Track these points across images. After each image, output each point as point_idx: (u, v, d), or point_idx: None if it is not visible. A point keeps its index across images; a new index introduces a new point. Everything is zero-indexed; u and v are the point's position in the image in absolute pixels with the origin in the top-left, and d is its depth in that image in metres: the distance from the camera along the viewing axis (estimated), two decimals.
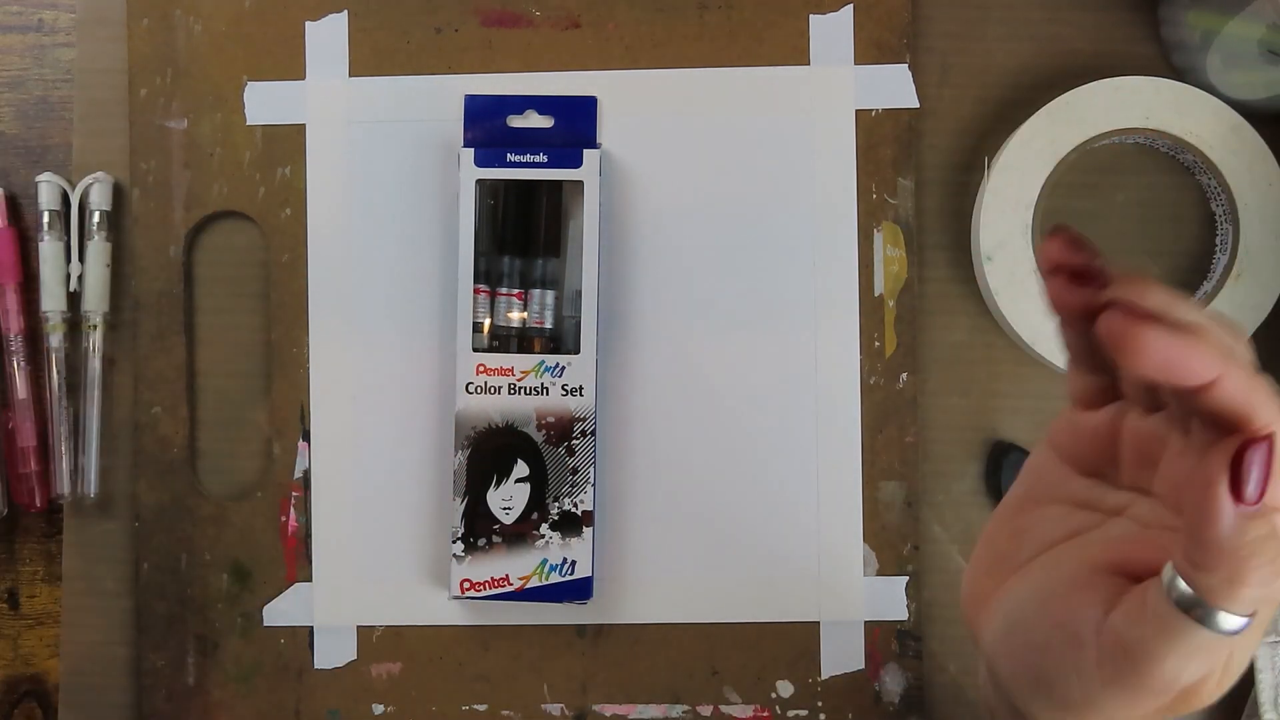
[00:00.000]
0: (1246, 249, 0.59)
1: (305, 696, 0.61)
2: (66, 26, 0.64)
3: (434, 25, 0.62)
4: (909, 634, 0.61)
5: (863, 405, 0.61)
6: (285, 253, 0.62)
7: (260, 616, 0.62)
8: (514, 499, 0.60)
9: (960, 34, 0.62)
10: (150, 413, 0.62)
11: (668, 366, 0.61)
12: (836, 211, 0.61)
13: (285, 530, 0.62)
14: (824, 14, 0.62)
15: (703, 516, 0.61)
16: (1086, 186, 0.62)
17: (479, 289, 0.60)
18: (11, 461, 0.62)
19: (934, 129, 0.62)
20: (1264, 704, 0.58)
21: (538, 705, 0.61)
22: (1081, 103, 0.59)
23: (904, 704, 0.60)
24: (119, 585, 0.62)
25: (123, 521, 0.62)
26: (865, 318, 0.61)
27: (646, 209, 0.62)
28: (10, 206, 0.63)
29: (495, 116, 0.62)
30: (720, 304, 0.61)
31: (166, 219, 0.63)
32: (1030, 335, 0.59)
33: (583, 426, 0.59)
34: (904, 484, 0.61)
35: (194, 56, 0.63)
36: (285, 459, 0.62)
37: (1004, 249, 0.59)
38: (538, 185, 0.61)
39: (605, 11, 0.62)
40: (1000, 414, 0.62)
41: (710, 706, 0.61)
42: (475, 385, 0.60)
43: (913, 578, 0.61)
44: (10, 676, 0.63)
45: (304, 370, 0.62)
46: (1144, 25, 0.62)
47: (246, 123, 0.62)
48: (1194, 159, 0.59)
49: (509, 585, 0.59)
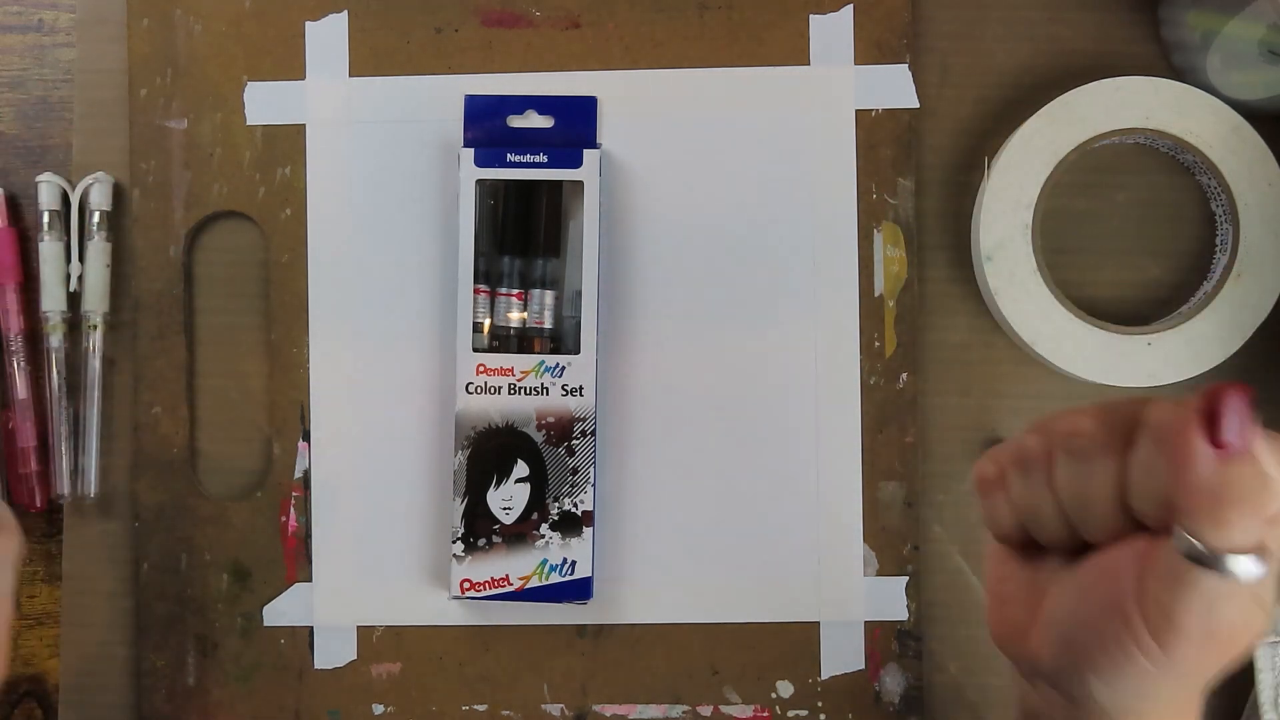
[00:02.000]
0: (1246, 249, 0.59)
1: (305, 696, 0.61)
2: (66, 26, 0.64)
3: (434, 25, 0.62)
4: (909, 634, 0.61)
5: (863, 405, 0.61)
6: (285, 253, 0.62)
7: (260, 616, 0.61)
8: (514, 499, 0.60)
9: (960, 34, 0.62)
10: (150, 413, 0.62)
11: (668, 366, 0.61)
12: (836, 211, 0.61)
13: (285, 530, 0.62)
14: (824, 14, 0.62)
15: (703, 516, 0.61)
16: (1086, 186, 0.62)
17: (479, 289, 0.60)
18: (11, 461, 0.62)
19: (934, 129, 0.62)
20: (1264, 704, 0.58)
21: (538, 705, 0.61)
22: (1081, 103, 0.59)
23: (904, 704, 0.60)
24: (119, 585, 0.62)
25: (123, 521, 0.62)
26: (865, 318, 0.61)
27: (646, 209, 0.62)
28: (10, 206, 0.63)
29: (495, 116, 0.62)
30: (720, 304, 0.61)
31: (166, 219, 0.63)
32: (1030, 335, 0.59)
33: (583, 426, 0.59)
34: (904, 484, 0.61)
35: (194, 56, 0.63)
36: (285, 459, 0.62)
37: (1004, 249, 0.59)
38: (538, 185, 0.61)
39: (605, 11, 0.62)
40: (1000, 414, 0.62)
41: (710, 706, 0.61)
42: (475, 385, 0.60)
43: (913, 578, 0.61)
44: (10, 676, 0.63)
45: (304, 370, 0.62)
46: (1144, 25, 0.62)
47: (246, 123, 0.62)
48: (1194, 159, 0.59)
49: (509, 585, 0.59)
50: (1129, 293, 0.62)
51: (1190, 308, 0.59)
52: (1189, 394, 0.34)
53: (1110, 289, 0.62)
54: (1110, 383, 0.59)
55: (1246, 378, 0.61)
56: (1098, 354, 0.59)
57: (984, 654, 0.61)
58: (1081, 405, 0.37)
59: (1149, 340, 0.59)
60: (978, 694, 0.61)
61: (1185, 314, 0.59)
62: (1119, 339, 0.59)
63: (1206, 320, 0.59)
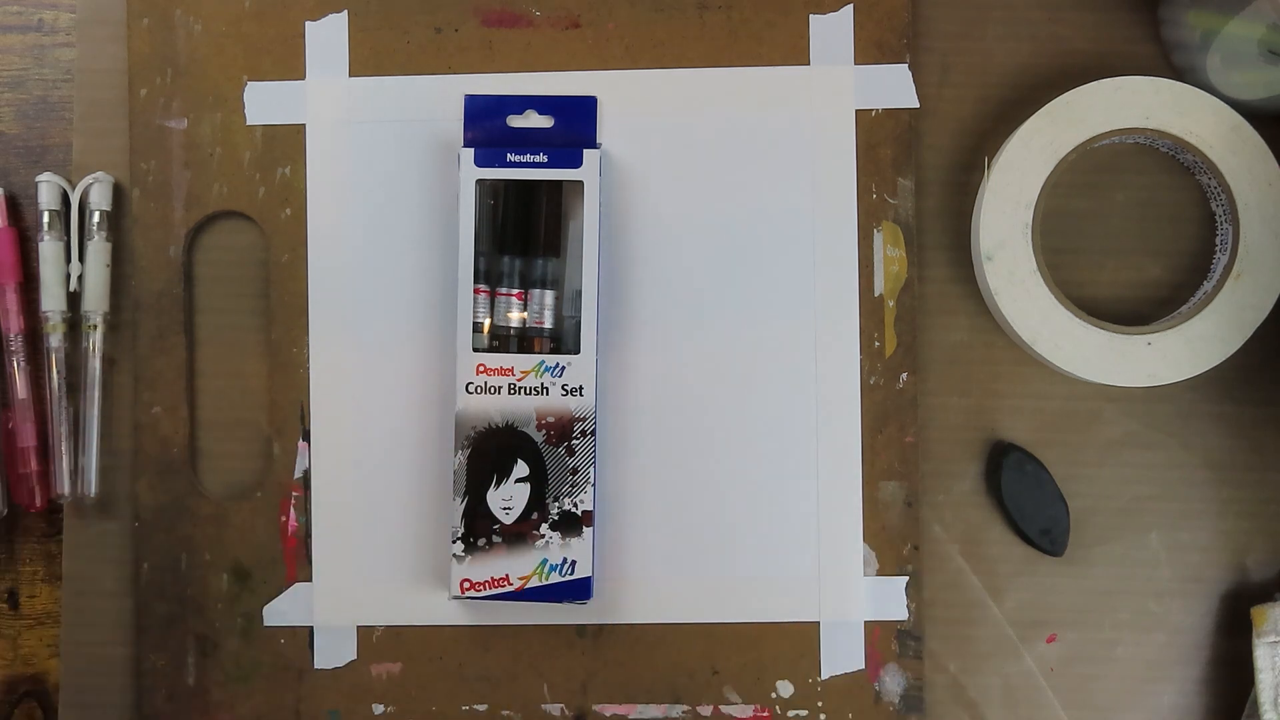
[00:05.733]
0: (1246, 249, 0.59)
1: (305, 696, 0.61)
2: (66, 26, 0.64)
3: (434, 25, 0.62)
4: (909, 634, 0.61)
5: (863, 405, 0.61)
6: (285, 253, 0.62)
7: (260, 616, 0.62)
8: (514, 499, 0.60)
9: (960, 34, 0.62)
10: (150, 413, 0.62)
11: (668, 366, 0.61)
12: (836, 211, 0.61)
13: (285, 530, 0.62)
14: (824, 14, 0.62)
15: (703, 516, 0.61)
16: (1086, 186, 0.62)
17: (479, 289, 0.60)
18: (11, 461, 0.62)
19: (934, 129, 0.62)
20: (1264, 704, 0.58)
21: (538, 705, 0.61)
22: (1081, 103, 0.59)
23: (904, 704, 0.60)
24: (119, 585, 0.62)
25: (123, 521, 0.62)
26: (865, 318, 0.61)
27: (646, 209, 0.62)
28: (10, 206, 0.63)
29: (495, 116, 0.62)
30: (720, 304, 0.61)
31: (166, 219, 0.63)
32: (1030, 335, 0.59)
33: (583, 426, 0.59)
34: (904, 484, 0.61)
35: (194, 56, 0.63)
36: (285, 459, 0.62)
37: (1004, 249, 0.59)
38: (538, 185, 0.61)
39: (605, 11, 0.62)
40: (1000, 414, 0.62)
41: (710, 706, 0.61)
42: (475, 385, 0.60)
43: (913, 578, 0.61)
44: (10, 676, 0.63)
45: (304, 370, 0.62)
46: (1144, 25, 0.62)
47: (246, 123, 0.62)
48: (1194, 159, 0.59)
49: (509, 585, 0.59)
50: (1129, 293, 0.62)
51: (1190, 308, 0.59)
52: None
53: (1110, 289, 0.62)
54: (1110, 382, 0.59)
55: (1246, 377, 0.61)
56: (1098, 354, 0.59)
57: (984, 654, 0.61)
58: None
59: (1149, 340, 0.59)
60: (978, 694, 0.61)
61: (1185, 314, 0.59)
62: (1119, 339, 0.59)
63: (1206, 320, 0.59)
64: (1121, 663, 0.61)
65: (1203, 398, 0.61)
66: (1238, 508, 0.61)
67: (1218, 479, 0.61)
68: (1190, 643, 0.61)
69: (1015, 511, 0.61)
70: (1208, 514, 0.61)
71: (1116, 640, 0.61)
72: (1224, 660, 0.61)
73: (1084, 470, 0.61)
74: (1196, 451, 0.61)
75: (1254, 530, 0.61)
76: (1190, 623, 0.61)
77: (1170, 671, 0.61)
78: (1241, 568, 0.61)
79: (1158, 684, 0.61)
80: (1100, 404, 0.62)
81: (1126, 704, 0.61)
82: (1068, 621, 0.61)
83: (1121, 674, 0.61)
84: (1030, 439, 0.61)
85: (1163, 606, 0.61)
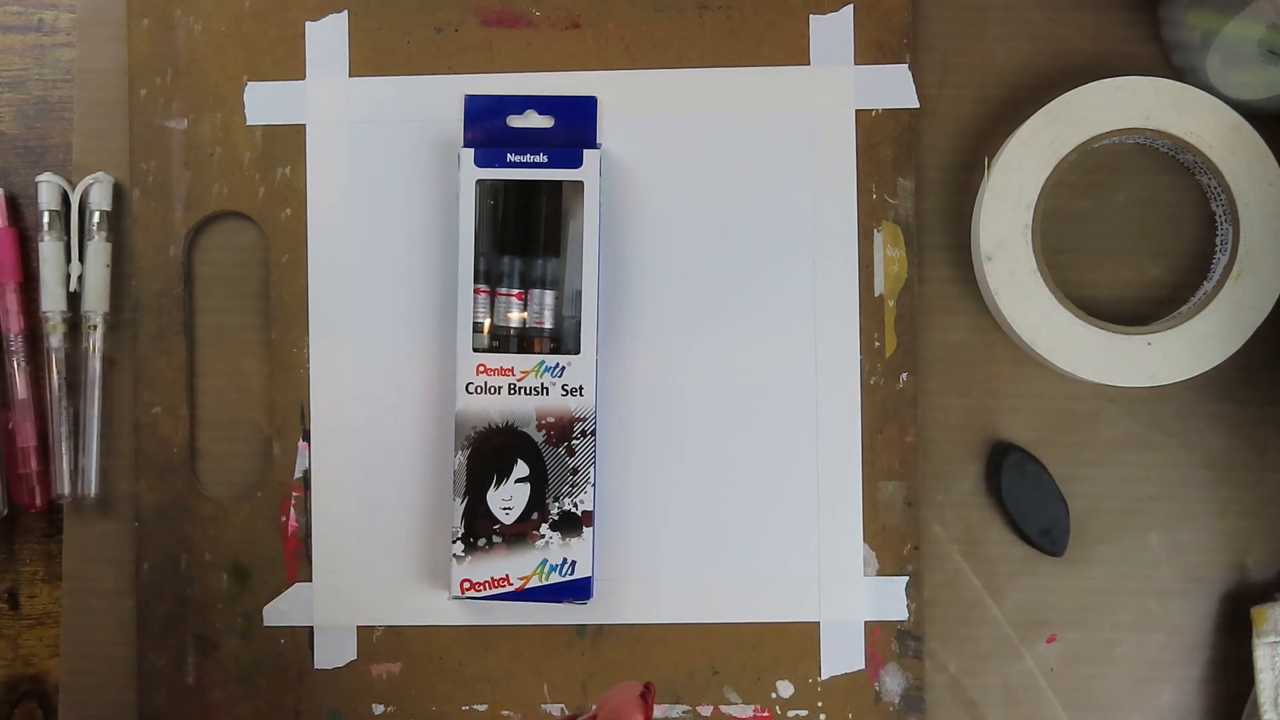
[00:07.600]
0: (1246, 249, 0.59)
1: (305, 696, 0.61)
2: (66, 26, 0.64)
3: (434, 25, 0.62)
4: (909, 634, 0.61)
5: (863, 405, 0.61)
6: (285, 253, 0.62)
7: (260, 616, 0.62)
8: (514, 499, 0.60)
9: (960, 34, 0.62)
10: (150, 413, 0.62)
11: (668, 366, 0.61)
12: (836, 211, 0.61)
13: (285, 530, 0.62)
14: (824, 14, 0.62)
15: (703, 516, 0.61)
16: (1086, 186, 0.62)
17: (479, 289, 0.60)
18: (11, 461, 0.62)
19: (934, 129, 0.62)
20: (1264, 704, 0.58)
21: (538, 705, 0.61)
22: (1081, 103, 0.59)
23: (904, 704, 0.60)
24: (119, 585, 0.62)
25: (123, 521, 0.62)
26: (865, 318, 0.61)
27: (646, 209, 0.62)
28: (10, 206, 0.63)
29: (495, 116, 0.62)
30: (720, 304, 0.61)
31: (166, 219, 0.63)
32: (1030, 335, 0.59)
33: (583, 426, 0.59)
34: (904, 484, 0.61)
35: (194, 56, 0.63)
36: (285, 459, 0.62)
37: (1004, 249, 0.59)
38: (538, 185, 0.61)
39: (605, 11, 0.62)
40: (1000, 414, 0.62)
41: (710, 706, 0.61)
42: (475, 385, 0.60)
43: (913, 578, 0.61)
44: (10, 676, 0.63)
45: (304, 370, 0.62)
46: (1144, 25, 0.62)
47: (246, 123, 0.62)
48: (1194, 159, 0.59)
49: (509, 585, 0.59)
50: (1129, 293, 0.62)
51: (1190, 308, 0.59)
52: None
53: (1110, 289, 0.62)
54: (1110, 382, 0.59)
55: (1246, 377, 0.61)
56: (1098, 354, 0.59)
57: (984, 654, 0.61)
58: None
59: (1149, 340, 0.59)
60: (978, 694, 0.61)
61: (1185, 314, 0.59)
62: (1119, 339, 0.59)
63: (1206, 320, 0.59)
64: (1121, 663, 0.61)
65: (1203, 398, 0.61)
66: (1238, 508, 0.61)
67: (1218, 479, 0.61)
68: (1190, 643, 0.61)
69: (1015, 511, 0.61)
70: (1208, 514, 0.61)
71: (1116, 640, 0.61)
72: (1224, 660, 0.61)
73: (1084, 470, 0.61)
74: (1196, 451, 0.61)
75: (1254, 530, 0.61)
76: (1190, 623, 0.61)
77: (1170, 671, 0.61)
78: (1241, 568, 0.61)
79: (1158, 684, 0.61)
80: (1100, 404, 0.62)
81: (1126, 704, 0.61)
82: (1068, 621, 0.61)
83: (1121, 674, 0.61)
84: (1030, 439, 0.61)
85: (1163, 606, 0.61)
